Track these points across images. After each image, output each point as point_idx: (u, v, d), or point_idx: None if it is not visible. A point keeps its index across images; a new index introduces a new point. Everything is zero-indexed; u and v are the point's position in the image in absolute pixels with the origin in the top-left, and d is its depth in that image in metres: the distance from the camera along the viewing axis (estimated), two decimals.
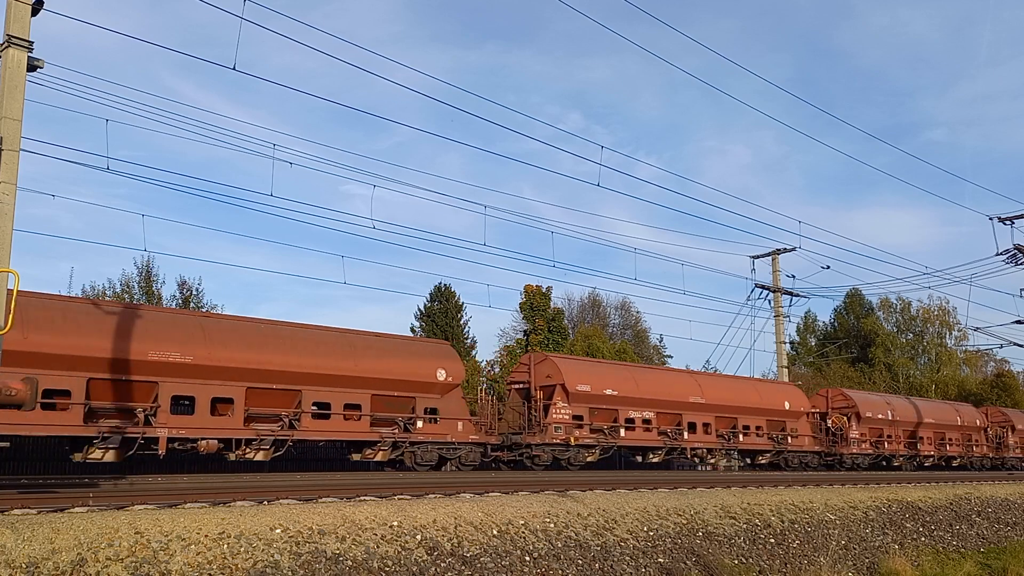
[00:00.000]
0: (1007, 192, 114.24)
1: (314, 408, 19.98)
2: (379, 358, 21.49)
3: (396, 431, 21.43)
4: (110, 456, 17.15)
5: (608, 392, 26.71)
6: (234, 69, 15.18)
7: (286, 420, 19.51)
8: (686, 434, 28.49)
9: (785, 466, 32.10)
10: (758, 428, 31.15)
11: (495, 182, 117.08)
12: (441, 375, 22.56)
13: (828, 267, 37.47)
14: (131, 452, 17.26)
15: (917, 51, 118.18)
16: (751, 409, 31.14)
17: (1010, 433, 43.35)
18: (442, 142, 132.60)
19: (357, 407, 20.79)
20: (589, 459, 26.13)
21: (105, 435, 16.77)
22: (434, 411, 22.56)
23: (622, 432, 26.75)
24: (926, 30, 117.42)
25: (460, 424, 22.81)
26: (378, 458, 21.59)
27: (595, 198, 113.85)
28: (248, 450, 19.04)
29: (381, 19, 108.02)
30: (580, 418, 25.89)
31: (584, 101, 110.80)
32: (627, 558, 12.09)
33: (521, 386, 26.56)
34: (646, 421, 27.71)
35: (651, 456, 28.09)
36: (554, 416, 25.24)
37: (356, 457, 21.77)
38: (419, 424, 21.86)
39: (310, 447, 24.51)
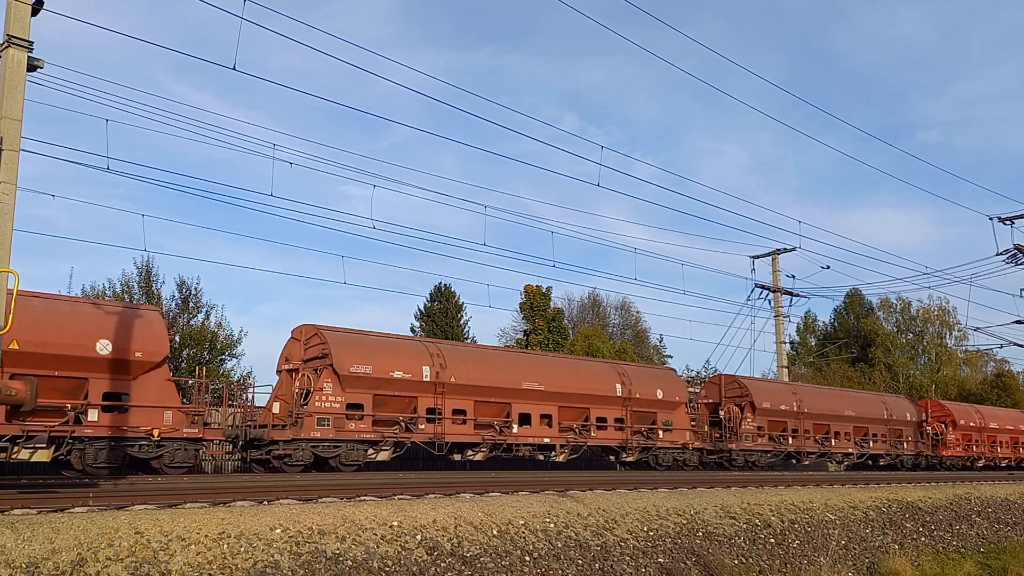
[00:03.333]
0: (1005, 192, 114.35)
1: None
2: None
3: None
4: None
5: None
6: (234, 69, 15.20)
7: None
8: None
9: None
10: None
11: (493, 182, 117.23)
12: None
13: (828, 267, 37.58)
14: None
15: (911, 52, 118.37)
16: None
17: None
18: (439, 143, 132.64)
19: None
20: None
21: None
22: None
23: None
24: (920, 31, 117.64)
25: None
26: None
27: (594, 198, 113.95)
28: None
29: (376, 21, 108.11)
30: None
31: (580, 102, 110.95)
32: (627, 558, 12.09)
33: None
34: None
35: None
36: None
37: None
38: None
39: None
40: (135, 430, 17.88)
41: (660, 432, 27.93)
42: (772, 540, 14.61)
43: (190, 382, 21.46)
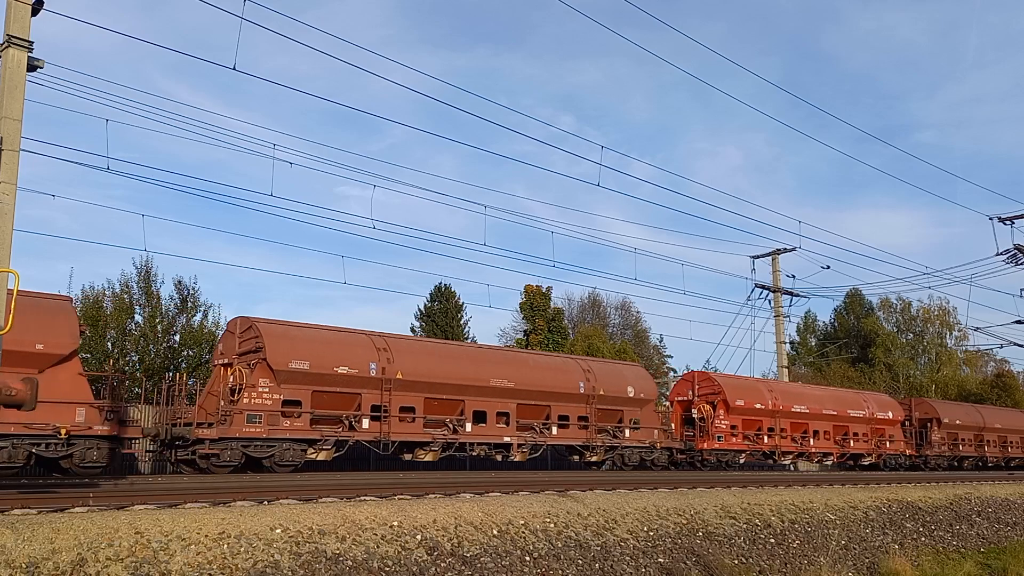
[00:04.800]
0: (1002, 192, 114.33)
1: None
2: None
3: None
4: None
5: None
6: (234, 69, 15.20)
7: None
8: (469, 425, 23.30)
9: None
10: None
11: (491, 182, 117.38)
12: None
13: (828, 267, 37.57)
14: None
15: (904, 54, 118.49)
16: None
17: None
18: (437, 143, 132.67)
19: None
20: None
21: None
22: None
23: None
24: (913, 33, 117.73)
25: None
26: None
27: (591, 199, 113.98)
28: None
29: (371, 23, 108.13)
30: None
31: (575, 103, 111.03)
32: (627, 558, 12.09)
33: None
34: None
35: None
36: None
37: None
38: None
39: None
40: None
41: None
42: (772, 540, 14.61)
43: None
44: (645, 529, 13.05)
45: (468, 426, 23.17)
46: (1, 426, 16.15)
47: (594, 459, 26.41)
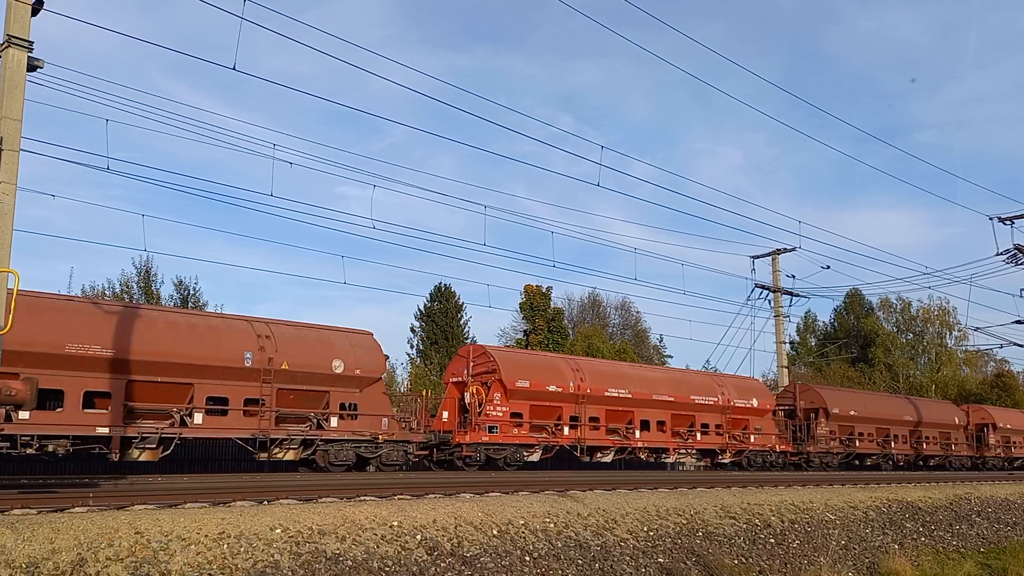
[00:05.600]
0: (1001, 192, 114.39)
1: None
2: None
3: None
4: None
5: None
6: (234, 69, 15.19)
7: None
8: (638, 432, 27.09)
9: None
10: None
11: (490, 182, 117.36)
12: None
13: (828, 267, 37.50)
14: None
15: (904, 54, 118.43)
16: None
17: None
18: (436, 144, 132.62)
19: None
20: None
21: None
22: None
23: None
24: (912, 33, 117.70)
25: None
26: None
27: (591, 199, 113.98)
28: None
29: (370, 23, 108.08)
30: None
31: (574, 104, 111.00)
32: (627, 558, 12.09)
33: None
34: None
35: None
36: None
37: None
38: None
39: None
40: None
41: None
42: (772, 540, 14.61)
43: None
44: (645, 529, 13.05)
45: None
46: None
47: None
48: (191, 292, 32.46)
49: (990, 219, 29.96)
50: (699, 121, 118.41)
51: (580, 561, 11.51)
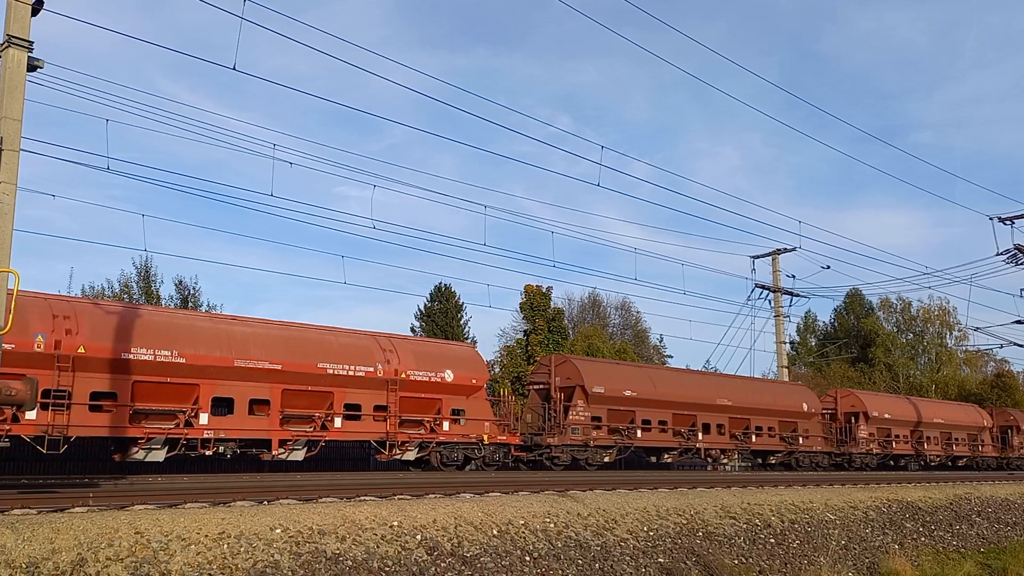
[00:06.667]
0: (1001, 192, 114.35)
1: None
2: None
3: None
4: None
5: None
6: (234, 69, 15.20)
7: None
8: (700, 435, 29.31)
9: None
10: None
11: (490, 182, 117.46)
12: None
13: (828, 267, 37.55)
14: None
15: (903, 54, 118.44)
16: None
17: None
18: (436, 144, 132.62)
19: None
20: (606, 459, 26.69)
21: None
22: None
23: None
24: (912, 33, 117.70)
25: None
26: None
27: (590, 199, 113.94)
28: None
29: (370, 23, 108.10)
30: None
31: (574, 104, 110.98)
32: (627, 558, 12.09)
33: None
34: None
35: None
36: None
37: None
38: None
39: None
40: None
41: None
42: (772, 540, 14.61)
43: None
44: (645, 529, 13.05)
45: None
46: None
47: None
48: (191, 292, 32.42)
49: (990, 219, 29.99)
50: (699, 121, 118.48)
51: (580, 561, 11.51)
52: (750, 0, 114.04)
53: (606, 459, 26.60)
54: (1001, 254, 30.43)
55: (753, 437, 31.25)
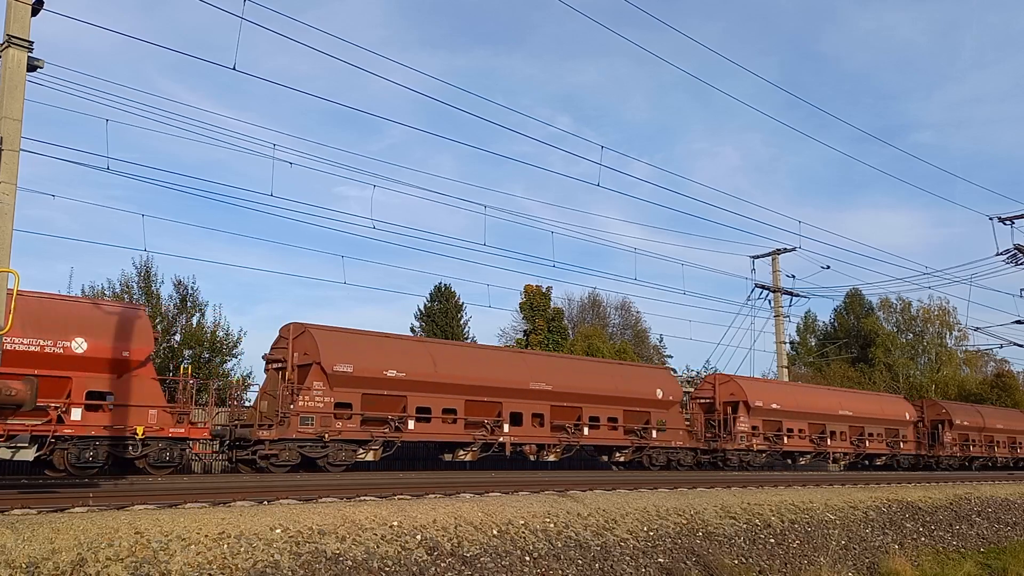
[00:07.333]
0: (1000, 192, 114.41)
1: None
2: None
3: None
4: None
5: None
6: (234, 69, 15.20)
7: None
8: (507, 426, 25.29)
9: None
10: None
11: (490, 182, 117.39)
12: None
13: (828, 267, 37.57)
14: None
15: (903, 54, 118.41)
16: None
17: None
18: (436, 144, 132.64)
19: None
20: (368, 458, 22.38)
21: None
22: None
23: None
24: (912, 34, 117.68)
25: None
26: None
27: (590, 199, 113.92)
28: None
29: (371, 23, 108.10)
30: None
31: (574, 104, 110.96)
32: (627, 558, 12.09)
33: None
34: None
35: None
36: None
37: None
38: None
39: None
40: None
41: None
42: (772, 540, 14.61)
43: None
44: (645, 529, 13.05)
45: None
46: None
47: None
48: (189, 292, 32.36)
49: (990, 219, 29.99)
50: (698, 121, 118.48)
51: (580, 561, 11.51)
52: (750, 0, 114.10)
53: (368, 457, 21.78)
54: (1001, 254, 30.45)
55: (586, 430, 26.32)
